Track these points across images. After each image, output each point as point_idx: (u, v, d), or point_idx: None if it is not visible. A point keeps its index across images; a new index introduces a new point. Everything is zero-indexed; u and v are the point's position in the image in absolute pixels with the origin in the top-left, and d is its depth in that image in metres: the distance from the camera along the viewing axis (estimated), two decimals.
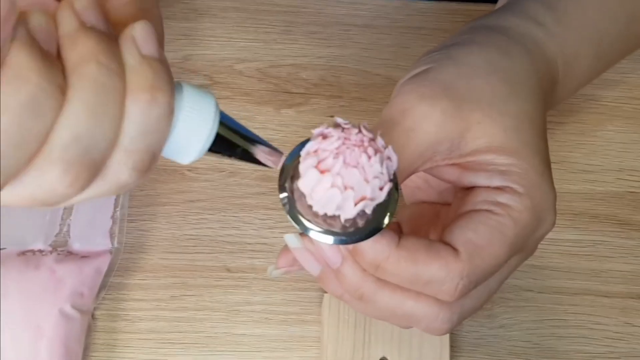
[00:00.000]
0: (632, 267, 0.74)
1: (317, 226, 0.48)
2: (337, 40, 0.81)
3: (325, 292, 0.68)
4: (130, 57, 0.40)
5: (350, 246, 0.50)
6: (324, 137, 0.46)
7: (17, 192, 0.39)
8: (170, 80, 0.41)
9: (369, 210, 0.47)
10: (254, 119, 0.77)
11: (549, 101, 0.60)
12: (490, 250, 0.51)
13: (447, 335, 0.67)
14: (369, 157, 0.45)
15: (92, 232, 0.70)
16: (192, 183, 0.75)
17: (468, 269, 0.50)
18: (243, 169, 0.75)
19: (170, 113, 0.41)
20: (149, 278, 0.71)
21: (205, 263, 0.72)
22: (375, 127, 0.48)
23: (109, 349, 0.69)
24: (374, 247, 0.49)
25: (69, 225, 0.70)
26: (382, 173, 0.45)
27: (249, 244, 0.73)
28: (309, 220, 0.48)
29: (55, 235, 0.70)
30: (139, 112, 0.40)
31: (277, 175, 0.49)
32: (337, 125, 0.47)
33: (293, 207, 0.48)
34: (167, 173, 0.75)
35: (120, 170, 0.41)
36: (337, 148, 0.45)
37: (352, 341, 0.67)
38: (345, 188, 0.45)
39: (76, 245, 0.70)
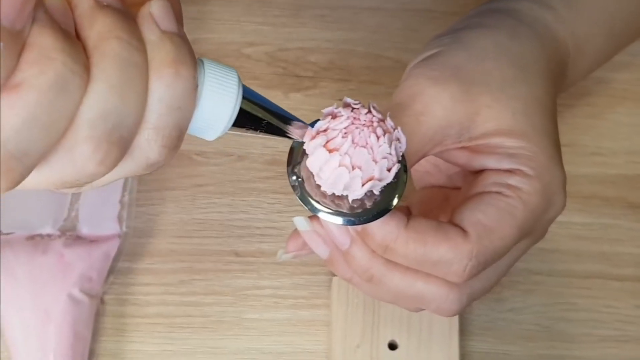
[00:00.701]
0: None
1: (326, 207, 0.48)
2: (346, 23, 0.81)
3: (335, 276, 0.68)
4: (150, 33, 0.40)
5: (359, 227, 0.51)
6: (334, 116, 0.46)
7: (46, 174, 0.39)
8: (192, 54, 0.41)
9: (377, 191, 0.47)
10: None
11: (560, 84, 0.59)
12: (499, 231, 0.51)
13: (456, 319, 0.67)
14: (378, 137, 0.45)
15: (101, 217, 0.70)
16: (201, 167, 0.74)
17: (477, 250, 0.50)
18: (251, 153, 0.75)
19: (194, 87, 0.41)
20: (157, 262, 0.71)
21: (213, 247, 0.72)
22: (385, 110, 0.48)
23: (118, 333, 0.69)
24: (383, 228, 0.50)
25: (77, 209, 0.70)
26: (390, 154, 0.45)
27: (258, 228, 0.73)
28: (317, 202, 0.48)
29: (64, 220, 0.70)
30: (163, 87, 0.40)
31: (285, 158, 0.49)
32: (347, 105, 0.47)
33: (302, 188, 0.48)
34: (175, 157, 0.74)
35: (148, 147, 0.41)
36: (345, 127, 0.45)
37: (361, 324, 0.66)
38: (353, 167, 0.45)
39: (85, 230, 0.70)
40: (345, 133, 0.45)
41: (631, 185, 0.76)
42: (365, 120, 0.45)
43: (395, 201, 0.48)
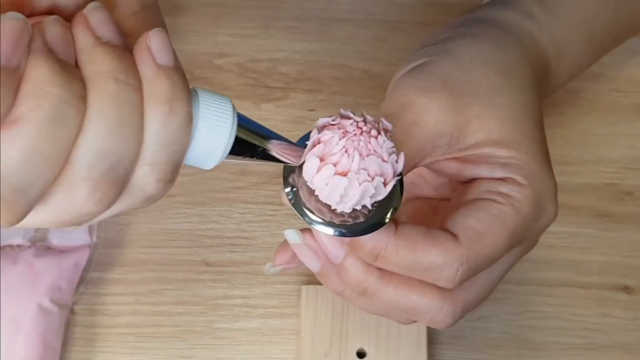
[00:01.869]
0: (610, 258, 0.74)
1: (321, 219, 0.48)
2: (315, 34, 0.81)
3: (304, 285, 0.69)
4: (146, 69, 0.40)
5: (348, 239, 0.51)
6: (326, 128, 0.47)
7: (45, 214, 0.40)
8: (187, 88, 0.41)
9: (371, 197, 0.47)
10: None
11: (543, 91, 0.60)
12: (490, 237, 0.51)
13: (425, 327, 0.67)
14: (376, 138, 0.46)
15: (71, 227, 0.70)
16: None
17: (467, 255, 0.50)
18: (222, 163, 0.75)
19: (189, 122, 0.41)
20: (128, 272, 0.71)
21: (184, 257, 0.72)
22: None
23: (88, 343, 0.69)
24: (373, 237, 0.49)
25: None
26: (393, 147, 0.46)
27: (229, 237, 0.73)
28: (312, 213, 0.48)
29: (35, 230, 0.70)
30: (158, 124, 0.40)
31: (256, 169, 0.49)
32: (344, 117, 0.47)
33: (298, 200, 0.48)
34: None
35: (145, 183, 0.41)
36: (344, 146, 0.46)
37: (330, 333, 0.67)
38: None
39: (55, 240, 0.70)
40: (345, 150, 0.46)
41: (598, 194, 0.76)
42: (355, 129, 0.46)
43: (389, 214, 0.48)
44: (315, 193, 0.47)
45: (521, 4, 0.61)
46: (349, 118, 0.46)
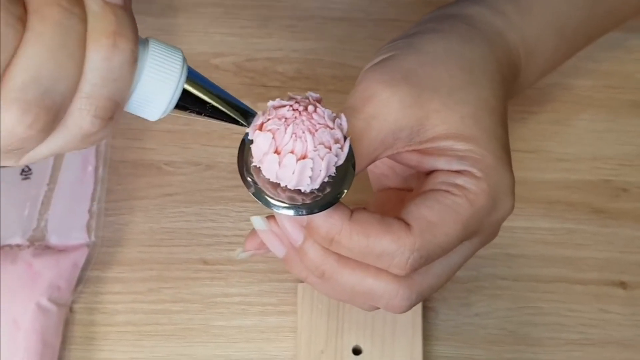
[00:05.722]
0: (606, 254, 0.74)
1: (279, 201, 0.49)
2: (312, 33, 0.82)
3: (300, 282, 0.69)
4: (93, 3, 0.41)
5: (305, 221, 0.52)
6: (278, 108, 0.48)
7: None
8: (134, 28, 0.42)
9: (328, 176, 0.48)
10: None
11: (511, 89, 0.60)
12: (442, 227, 0.52)
13: (420, 324, 0.67)
14: (316, 124, 0.47)
15: (69, 226, 0.71)
16: (169, 177, 0.75)
17: (419, 244, 0.51)
18: (220, 162, 0.76)
19: (133, 61, 0.41)
20: (126, 271, 0.72)
21: (182, 256, 0.73)
22: (339, 112, 0.49)
23: (87, 341, 0.69)
24: (327, 221, 0.51)
25: (46, 219, 0.71)
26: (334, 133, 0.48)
27: (226, 236, 0.74)
28: (270, 197, 0.49)
29: (33, 230, 0.71)
30: (99, 57, 0.40)
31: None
32: (291, 99, 0.49)
33: (256, 185, 0.49)
34: (143, 167, 0.75)
35: (81, 117, 0.41)
36: (286, 121, 0.47)
37: (326, 330, 0.67)
38: (304, 157, 0.47)
39: (53, 239, 0.70)
40: (295, 135, 0.47)
41: (595, 190, 0.76)
42: (292, 112, 0.47)
43: (343, 193, 0.50)
44: (283, 184, 0.49)
45: (493, 1, 0.62)
46: (282, 106, 0.48)
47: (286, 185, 0.48)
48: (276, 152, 0.47)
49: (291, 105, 0.48)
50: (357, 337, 0.67)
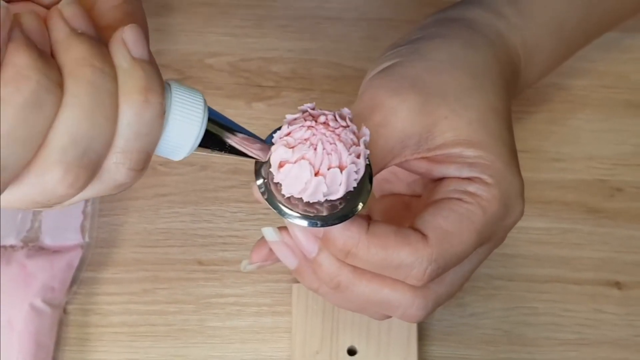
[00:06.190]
0: (602, 254, 0.74)
1: (293, 211, 0.48)
2: (307, 33, 0.81)
3: (295, 282, 0.69)
4: (122, 60, 0.41)
5: (322, 233, 0.51)
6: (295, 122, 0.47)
7: (17, 195, 0.41)
8: (160, 81, 0.42)
9: (344, 190, 0.47)
10: (225, 113, 0.76)
11: (512, 91, 0.60)
12: (458, 236, 0.52)
13: (415, 324, 0.67)
14: (340, 139, 0.46)
15: (64, 227, 0.71)
16: (164, 177, 0.75)
17: (436, 254, 0.51)
18: (214, 163, 0.75)
19: (162, 113, 0.42)
20: (121, 272, 0.72)
21: (177, 256, 0.73)
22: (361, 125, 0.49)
23: (81, 342, 0.69)
24: (344, 234, 0.50)
25: (40, 220, 0.71)
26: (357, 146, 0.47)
27: (221, 236, 0.73)
28: (285, 206, 0.49)
29: (27, 231, 0.70)
30: (132, 113, 0.41)
31: (248, 168, 0.50)
32: (305, 112, 0.48)
33: (270, 194, 0.49)
34: None
35: (116, 170, 0.42)
36: (307, 138, 0.46)
37: (321, 330, 0.67)
38: (321, 173, 0.46)
39: (47, 240, 0.70)
40: (310, 144, 0.46)
41: (591, 190, 0.76)
42: (323, 126, 0.46)
43: (359, 206, 0.49)
44: (301, 196, 0.47)
45: (493, 3, 0.62)
46: (296, 122, 0.47)
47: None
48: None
49: (302, 125, 0.47)
50: (352, 337, 0.67)
